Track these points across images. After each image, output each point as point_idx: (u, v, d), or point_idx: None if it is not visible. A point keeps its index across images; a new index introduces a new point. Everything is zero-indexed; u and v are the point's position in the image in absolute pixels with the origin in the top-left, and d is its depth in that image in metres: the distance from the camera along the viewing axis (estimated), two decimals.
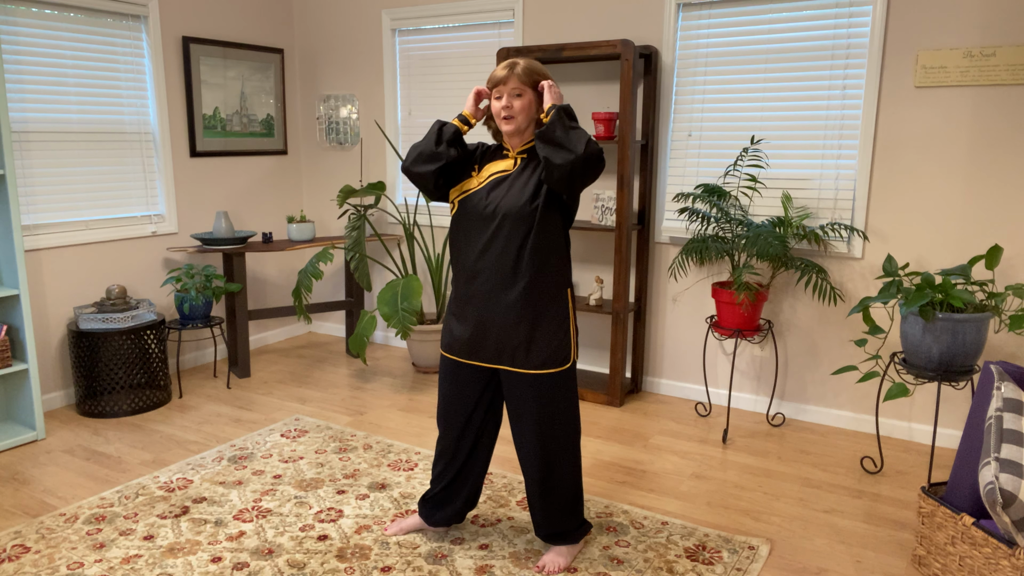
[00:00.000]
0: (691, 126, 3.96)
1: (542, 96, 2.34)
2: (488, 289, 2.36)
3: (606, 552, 2.61)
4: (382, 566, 2.52)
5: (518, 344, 2.35)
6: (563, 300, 2.40)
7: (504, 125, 2.33)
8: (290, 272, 5.45)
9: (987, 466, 2.19)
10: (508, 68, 2.31)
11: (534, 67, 2.33)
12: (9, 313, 3.56)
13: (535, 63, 2.35)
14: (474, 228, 2.37)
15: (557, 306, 2.38)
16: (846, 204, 3.63)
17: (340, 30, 5.07)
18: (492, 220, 2.33)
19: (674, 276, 4.13)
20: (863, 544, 2.70)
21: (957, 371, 2.95)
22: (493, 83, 2.33)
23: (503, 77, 2.30)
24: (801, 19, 3.62)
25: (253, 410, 3.99)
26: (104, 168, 4.20)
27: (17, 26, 3.75)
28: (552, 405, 2.39)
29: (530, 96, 2.32)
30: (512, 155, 2.41)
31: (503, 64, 2.32)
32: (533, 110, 2.34)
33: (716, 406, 4.07)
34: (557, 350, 2.36)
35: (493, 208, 2.33)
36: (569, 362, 2.40)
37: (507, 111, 2.31)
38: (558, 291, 2.38)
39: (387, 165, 5.05)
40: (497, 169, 2.40)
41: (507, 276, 2.33)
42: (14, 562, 2.54)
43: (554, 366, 2.36)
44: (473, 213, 2.37)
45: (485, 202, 2.35)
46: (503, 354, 2.38)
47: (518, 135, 2.37)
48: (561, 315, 2.38)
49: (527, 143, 2.40)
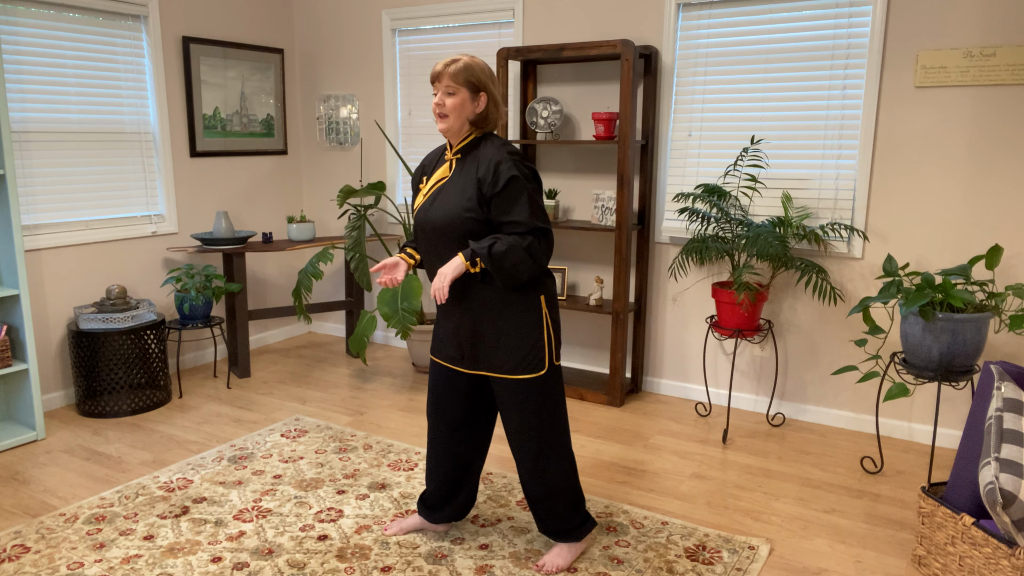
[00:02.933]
0: (691, 126, 3.96)
1: (479, 96, 2.29)
2: (451, 299, 2.39)
3: (606, 552, 2.61)
4: (382, 566, 2.52)
5: (489, 351, 2.36)
6: (533, 305, 2.34)
7: (437, 122, 2.32)
8: (290, 272, 5.45)
9: (987, 466, 2.19)
10: (444, 65, 2.28)
11: (474, 68, 2.28)
12: (9, 313, 3.56)
13: (479, 68, 2.29)
14: (422, 241, 2.40)
15: (525, 312, 2.33)
16: (846, 204, 3.63)
17: (340, 30, 5.07)
18: (432, 233, 2.34)
19: (674, 276, 4.13)
20: (863, 544, 2.70)
21: (957, 371, 2.95)
22: (431, 79, 2.31)
23: (438, 74, 2.28)
24: (801, 19, 3.62)
25: (253, 410, 3.99)
26: (104, 168, 4.20)
27: (17, 26, 3.75)
28: (533, 408, 2.38)
29: (464, 95, 2.27)
30: (448, 156, 2.39)
31: (444, 60, 2.30)
32: (467, 110, 2.29)
33: (716, 406, 4.07)
34: (528, 356, 2.34)
35: (430, 221, 2.33)
36: (543, 369, 2.36)
37: (439, 108, 2.29)
38: (524, 297, 2.33)
39: (387, 165, 5.05)
40: (438, 178, 2.39)
41: (460, 286, 2.35)
42: (14, 562, 2.54)
43: (526, 372, 2.34)
44: (419, 227, 2.39)
45: (424, 215, 2.36)
46: (479, 360, 2.39)
47: (452, 134, 2.34)
48: (532, 321, 2.34)
49: (463, 140, 2.35)
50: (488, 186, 2.23)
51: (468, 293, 2.35)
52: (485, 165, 2.25)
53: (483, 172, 2.25)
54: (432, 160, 2.47)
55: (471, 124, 2.33)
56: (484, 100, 2.30)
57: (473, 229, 2.26)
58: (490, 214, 2.27)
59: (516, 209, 2.23)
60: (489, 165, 2.25)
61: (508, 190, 2.23)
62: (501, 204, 2.24)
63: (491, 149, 2.29)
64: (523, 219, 2.23)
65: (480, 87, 2.29)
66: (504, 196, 2.23)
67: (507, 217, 2.24)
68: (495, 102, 2.34)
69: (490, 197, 2.24)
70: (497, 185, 2.22)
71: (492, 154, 2.27)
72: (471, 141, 2.34)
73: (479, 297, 2.34)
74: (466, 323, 2.38)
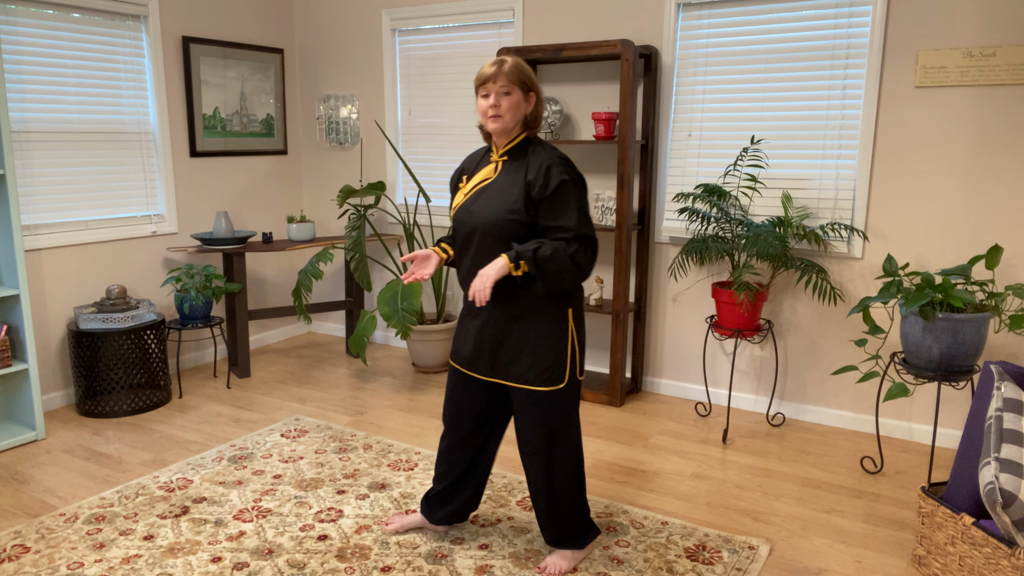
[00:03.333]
0: (691, 126, 3.96)
1: (529, 95, 2.29)
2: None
3: (606, 552, 2.61)
4: (382, 566, 2.52)
5: (509, 359, 2.34)
6: (560, 318, 2.32)
7: (491, 124, 2.27)
8: (290, 272, 5.45)
9: (987, 466, 2.19)
10: (496, 65, 2.24)
11: (523, 67, 2.27)
12: (9, 313, 3.56)
13: (524, 64, 2.29)
14: (462, 242, 2.37)
15: (552, 323, 2.31)
16: (846, 204, 3.63)
17: (340, 30, 5.07)
18: (474, 234, 2.30)
19: (674, 276, 4.13)
20: (863, 544, 2.70)
21: (957, 371, 2.95)
22: (480, 80, 2.26)
23: (491, 75, 2.23)
24: (801, 19, 3.62)
25: (253, 410, 3.99)
26: (104, 168, 4.20)
27: (17, 26, 3.75)
28: (548, 421, 2.36)
29: (518, 95, 2.26)
30: (495, 158, 2.36)
31: (491, 61, 2.26)
32: (521, 109, 2.28)
33: (716, 406, 4.07)
34: (550, 369, 2.31)
35: (472, 221, 2.30)
36: (563, 382, 2.33)
37: (494, 110, 2.25)
38: (553, 308, 2.31)
39: (387, 165, 5.05)
40: (481, 178, 2.37)
41: (504, 286, 2.30)
42: (14, 562, 2.54)
43: (546, 384, 2.32)
44: (459, 227, 2.36)
45: (467, 215, 2.33)
46: (496, 368, 2.38)
47: (504, 134, 2.31)
48: (557, 333, 2.31)
49: (511, 142, 2.33)
50: (538, 189, 2.21)
51: (500, 298, 2.32)
52: (536, 168, 2.23)
53: (533, 175, 2.22)
54: (473, 161, 2.45)
55: (522, 124, 2.32)
56: (534, 99, 2.31)
57: (516, 232, 2.24)
58: (536, 218, 2.24)
59: (564, 215, 2.21)
60: (540, 168, 2.22)
61: (558, 195, 2.21)
62: (549, 209, 2.22)
63: (541, 152, 2.28)
64: (570, 225, 2.20)
65: (531, 86, 2.28)
66: (553, 200, 2.21)
67: (554, 222, 2.21)
68: (542, 101, 2.35)
69: (539, 200, 2.22)
70: (547, 188, 2.20)
71: (543, 157, 2.25)
72: (520, 143, 2.32)
73: (509, 303, 2.31)
74: (491, 327, 2.35)
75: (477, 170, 2.41)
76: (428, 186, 4.87)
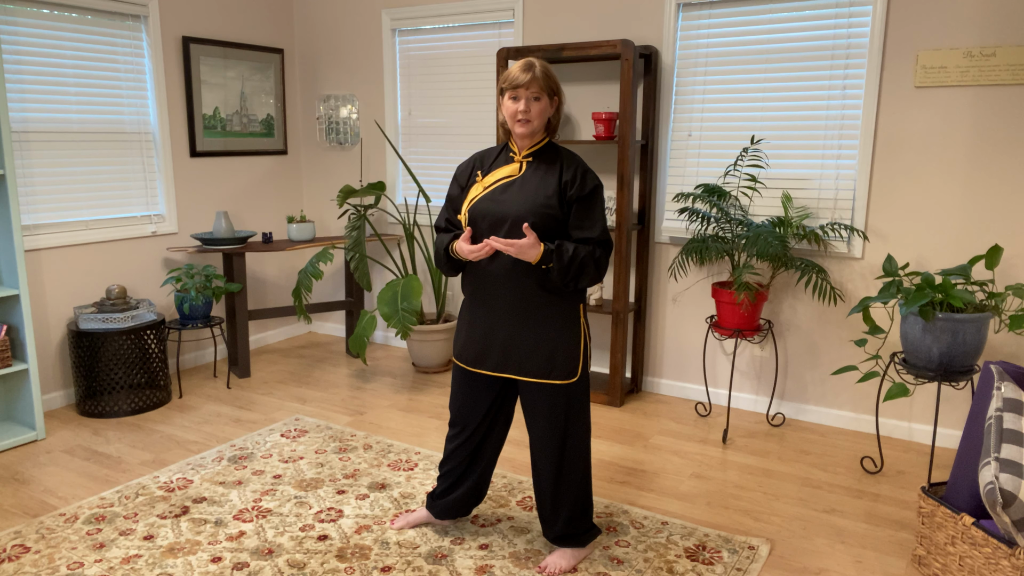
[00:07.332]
0: (691, 126, 3.96)
1: (554, 100, 2.36)
2: (496, 295, 2.37)
3: (606, 552, 2.61)
4: (382, 566, 2.52)
5: (523, 355, 2.37)
6: (575, 315, 2.40)
7: (519, 127, 2.33)
8: (290, 272, 5.45)
9: (987, 466, 2.19)
10: (528, 72, 2.28)
11: (551, 72, 2.34)
12: (9, 313, 3.56)
13: (550, 69, 2.36)
14: (488, 230, 2.36)
15: (566, 318, 2.37)
16: (846, 204, 3.63)
17: (340, 30, 5.07)
18: (502, 224, 2.32)
19: (674, 276, 4.13)
20: (863, 544, 2.70)
21: (957, 371, 2.95)
22: (511, 84, 2.30)
23: (525, 81, 2.28)
24: (801, 19, 3.62)
25: (253, 410, 3.99)
26: (104, 168, 4.20)
27: (17, 26, 3.75)
28: (562, 414, 2.40)
29: (546, 100, 2.33)
30: (518, 158, 2.40)
31: (522, 65, 2.30)
32: (547, 113, 2.36)
33: (716, 406, 4.07)
34: (564, 363, 2.37)
35: (502, 211, 2.32)
36: (576, 375, 2.39)
37: (524, 115, 2.31)
38: (570, 305, 2.38)
39: (387, 165, 5.05)
40: (502, 175, 2.39)
41: (516, 282, 2.34)
42: (14, 562, 2.54)
43: (560, 377, 2.37)
44: (483, 216, 2.36)
45: (494, 205, 2.34)
46: (509, 362, 2.39)
47: (530, 137, 2.37)
48: (572, 329, 2.38)
49: (535, 145, 2.39)
50: (576, 188, 2.31)
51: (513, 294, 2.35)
52: (571, 170, 2.33)
53: (569, 176, 2.33)
54: (489, 158, 2.47)
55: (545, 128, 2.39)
56: (557, 102, 2.39)
57: (546, 224, 2.30)
58: (565, 214, 2.33)
59: (591, 217, 2.32)
60: (576, 171, 2.33)
61: (590, 197, 2.33)
62: (580, 209, 2.32)
63: (570, 156, 2.39)
64: (596, 228, 2.32)
65: (556, 91, 2.36)
66: (585, 202, 2.32)
67: (580, 223, 2.32)
68: (563, 103, 2.44)
69: (573, 200, 2.32)
70: (584, 189, 2.32)
71: (574, 161, 2.36)
72: (545, 146, 2.40)
73: (523, 299, 2.35)
74: (504, 324, 2.37)
75: (494, 167, 2.44)
76: (428, 186, 4.87)
